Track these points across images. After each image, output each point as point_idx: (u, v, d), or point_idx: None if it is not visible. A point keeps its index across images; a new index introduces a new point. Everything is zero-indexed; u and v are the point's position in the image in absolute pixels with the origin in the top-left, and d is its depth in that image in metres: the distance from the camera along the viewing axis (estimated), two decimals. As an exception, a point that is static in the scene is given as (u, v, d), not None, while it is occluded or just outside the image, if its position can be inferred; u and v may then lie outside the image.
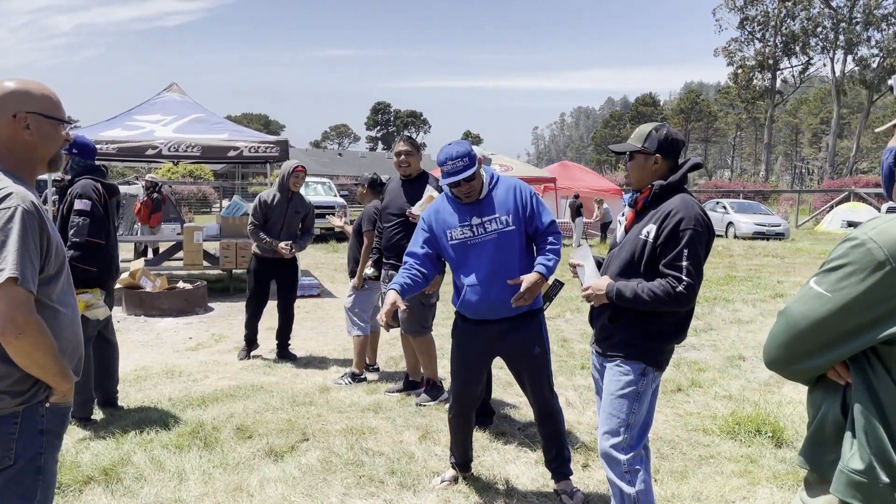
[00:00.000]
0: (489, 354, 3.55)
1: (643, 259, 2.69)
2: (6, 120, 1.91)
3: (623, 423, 2.75)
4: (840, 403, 1.51)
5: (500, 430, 4.45)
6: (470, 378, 3.52)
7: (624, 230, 2.85)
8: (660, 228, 2.64)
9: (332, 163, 57.91)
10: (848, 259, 1.43)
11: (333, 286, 10.86)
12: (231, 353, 6.53)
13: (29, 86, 1.95)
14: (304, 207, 6.30)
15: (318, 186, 20.36)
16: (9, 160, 1.93)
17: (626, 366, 2.76)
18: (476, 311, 3.37)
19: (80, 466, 3.70)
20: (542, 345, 3.46)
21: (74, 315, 2.02)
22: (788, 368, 1.56)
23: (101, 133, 9.60)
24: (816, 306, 1.46)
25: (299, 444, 4.16)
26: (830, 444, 1.52)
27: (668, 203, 2.68)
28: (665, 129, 2.77)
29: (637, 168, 2.79)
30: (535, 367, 3.45)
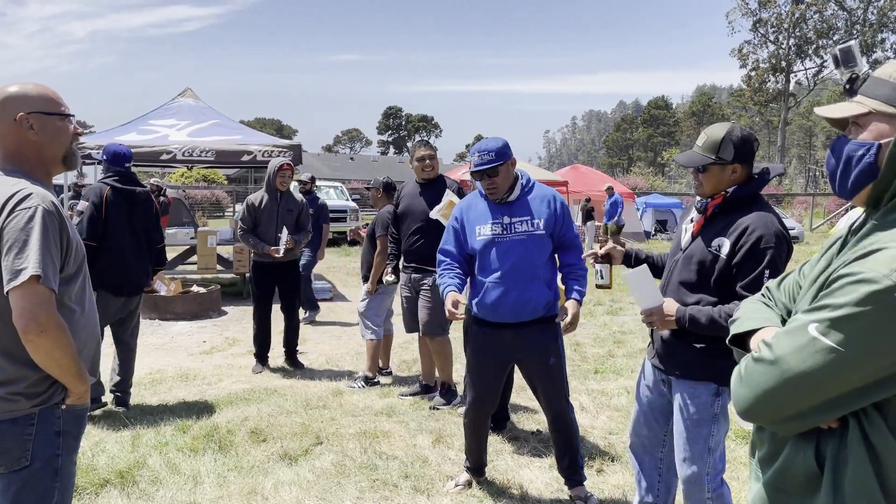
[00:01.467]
0: (505, 362, 3.52)
1: (713, 274, 2.51)
2: (9, 124, 1.93)
3: (704, 448, 2.61)
4: (813, 450, 1.33)
5: (514, 434, 4.45)
6: (486, 385, 3.51)
7: (691, 237, 2.65)
8: (736, 245, 2.45)
9: (344, 167, 58.09)
10: (864, 309, 1.19)
11: (346, 290, 10.89)
12: (245, 356, 6.55)
13: (26, 88, 1.97)
14: (297, 205, 6.22)
15: (330, 191, 20.39)
16: (22, 164, 1.96)
17: (699, 387, 2.59)
18: (492, 311, 3.34)
19: (97, 469, 3.73)
20: (558, 354, 3.43)
21: (91, 315, 2.04)
22: (776, 423, 1.35)
23: (115, 138, 9.67)
24: (824, 362, 1.23)
25: (313, 447, 4.17)
26: (795, 493, 1.37)
27: (745, 219, 2.47)
28: (739, 132, 2.53)
29: (713, 179, 2.54)
30: (550, 377, 3.42)
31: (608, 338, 7.45)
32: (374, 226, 5.57)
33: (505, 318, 3.33)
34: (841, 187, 1.41)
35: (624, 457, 4.05)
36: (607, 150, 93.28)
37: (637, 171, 50.05)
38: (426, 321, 4.88)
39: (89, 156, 9.20)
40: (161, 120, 10.41)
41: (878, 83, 1.37)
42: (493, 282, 3.30)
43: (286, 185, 6.11)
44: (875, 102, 1.36)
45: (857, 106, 1.38)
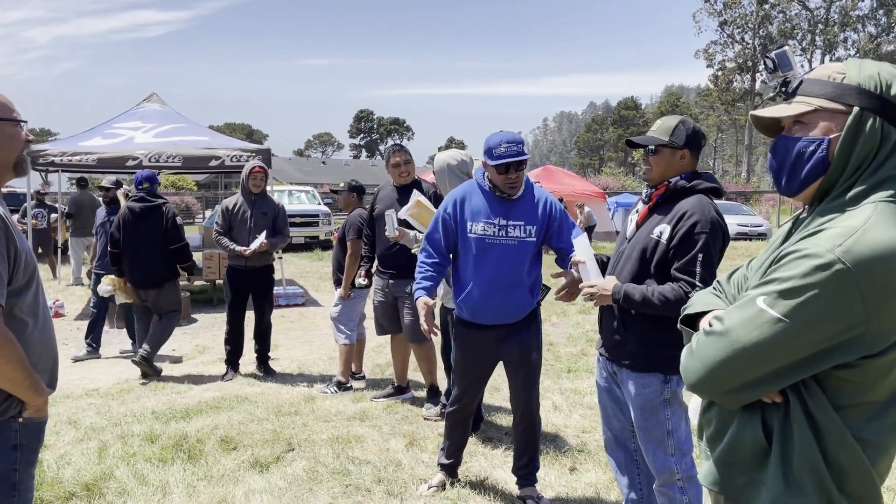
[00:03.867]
0: (492, 359, 3.52)
1: (654, 259, 2.58)
2: None
3: (663, 433, 2.65)
4: (760, 424, 1.39)
5: (487, 435, 4.44)
6: (474, 384, 3.55)
7: (635, 226, 2.73)
8: (674, 230, 2.53)
9: (316, 171, 57.72)
10: (809, 281, 1.26)
11: (318, 294, 10.81)
12: (215, 363, 6.46)
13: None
14: (272, 208, 6.14)
15: (301, 195, 20.24)
16: None
17: (647, 377, 2.64)
18: (475, 311, 3.33)
19: (62, 482, 3.64)
20: (539, 350, 3.48)
21: (46, 326, 1.98)
22: (723, 395, 1.40)
23: (80, 143, 9.54)
24: (771, 333, 1.30)
25: (285, 454, 4.11)
26: (744, 467, 1.42)
27: (683, 203, 2.57)
28: (692, 123, 2.67)
29: (663, 162, 2.64)
30: (530, 372, 3.46)
31: (581, 336, 7.48)
32: (345, 229, 5.53)
33: (488, 321, 3.35)
34: (788, 184, 1.47)
35: (597, 455, 4.06)
36: (578, 150, 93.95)
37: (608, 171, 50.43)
38: (410, 328, 4.83)
39: (52, 163, 9.05)
40: (126, 123, 10.26)
41: (817, 84, 1.44)
42: (478, 284, 3.28)
43: (259, 188, 6.05)
44: (819, 101, 1.42)
45: (803, 105, 1.44)
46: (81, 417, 4.78)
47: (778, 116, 1.47)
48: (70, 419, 4.73)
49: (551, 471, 3.89)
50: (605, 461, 3.92)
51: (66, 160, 9.04)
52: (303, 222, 17.52)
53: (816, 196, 1.44)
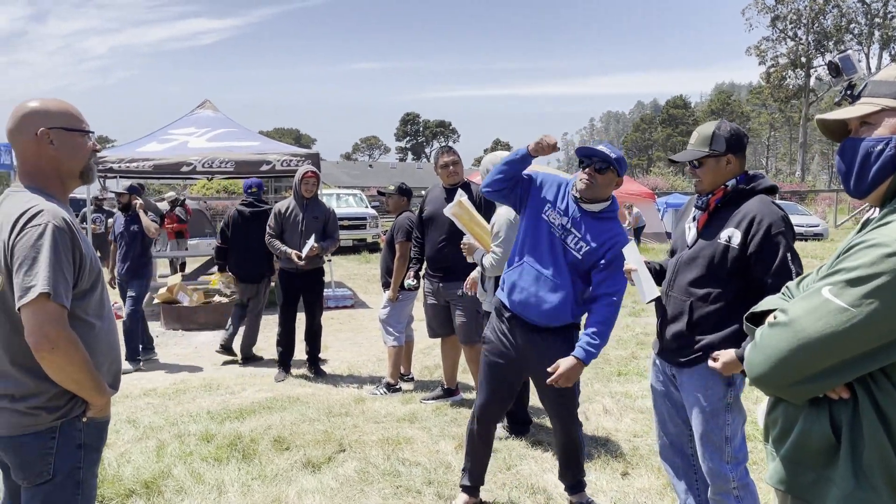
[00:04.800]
0: (519, 369, 3.35)
1: (727, 264, 2.54)
2: (30, 139, 1.94)
3: (721, 438, 2.61)
4: (828, 420, 1.36)
5: (536, 438, 4.41)
6: (495, 391, 3.35)
7: (696, 234, 2.69)
8: (748, 236, 2.50)
9: (363, 174, 58.27)
10: (878, 270, 1.24)
11: (367, 297, 10.91)
12: (267, 364, 6.58)
13: (47, 103, 1.98)
14: (323, 213, 6.22)
15: (349, 198, 20.47)
16: (39, 178, 1.97)
17: (710, 378, 2.60)
18: (512, 292, 3.20)
19: (122, 479, 3.76)
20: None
21: (111, 328, 2.04)
22: (788, 388, 1.38)
23: (137, 150, 9.80)
24: (837, 323, 1.27)
25: (336, 454, 4.17)
26: (812, 465, 1.39)
27: (747, 207, 2.55)
28: (728, 126, 2.64)
29: (709, 172, 2.63)
30: (562, 397, 3.29)
31: (631, 339, 7.38)
32: (394, 232, 5.58)
33: (519, 310, 3.19)
34: (858, 186, 1.45)
35: (649, 459, 4.00)
36: (626, 150, 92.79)
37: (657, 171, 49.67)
38: (463, 329, 4.85)
39: (111, 169, 9.32)
40: (181, 129, 10.53)
41: (883, 84, 1.44)
42: (530, 265, 3.16)
43: (311, 193, 6.14)
44: (886, 100, 1.42)
45: (869, 106, 1.43)
46: (140, 417, 4.92)
47: (844, 118, 1.45)
48: (129, 418, 4.87)
49: (602, 475, 3.85)
50: (658, 466, 3.86)
51: (124, 166, 9.29)
52: (350, 225, 17.70)
53: (886, 196, 1.42)
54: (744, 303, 2.52)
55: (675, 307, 2.72)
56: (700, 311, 2.62)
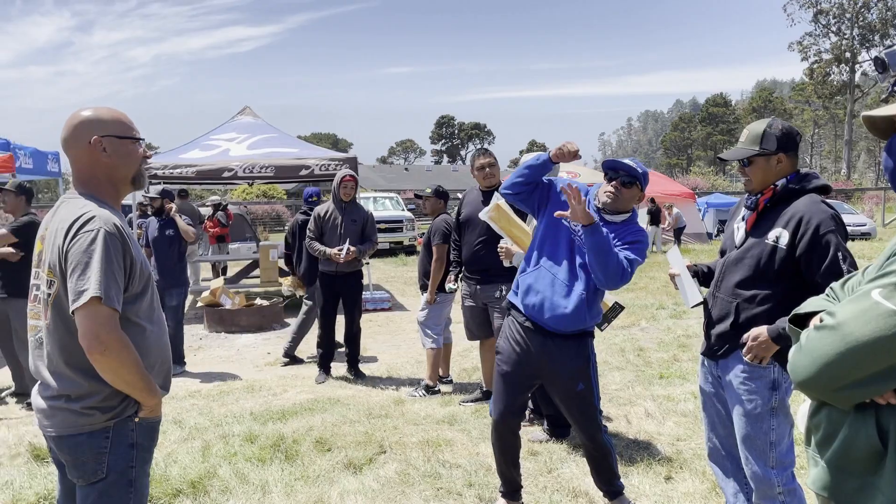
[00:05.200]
0: (532, 377, 3.31)
1: (775, 265, 2.51)
2: (84, 147, 2.00)
3: (766, 443, 2.58)
4: (874, 426, 1.31)
5: (577, 441, 4.38)
6: (512, 401, 3.31)
7: (744, 234, 2.66)
8: (796, 236, 2.46)
9: (399, 178, 58.60)
10: None
11: (404, 299, 10.96)
12: (308, 366, 6.66)
13: (100, 112, 2.04)
14: (361, 216, 6.28)
15: (385, 201, 20.60)
16: (92, 185, 2.03)
17: (755, 382, 2.56)
18: (527, 294, 3.17)
19: (170, 479, 3.84)
20: (588, 380, 3.22)
21: (161, 331, 2.10)
22: (834, 392, 1.33)
23: (180, 156, 10.01)
24: (887, 326, 1.22)
25: (377, 456, 4.20)
26: (856, 471, 1.35)
27: (796, 206, 2.51)
28: (779, 124, 2.60)
29: (759, 171, 2.60)
30: (578, 405, 3.24)
31: (672, 342, 7.28)
32: (430, 234, 5.60)
33: (538, 314, 3.15)
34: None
35: (693, 464, 3.95)
36: (665, 150, 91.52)
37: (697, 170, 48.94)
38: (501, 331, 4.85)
39: (156, 175, 9.54)
40: (222, 135, 10.74)
41: None
42: (547, 268, 3.15)
43: (349, 196, 6.21)
44: None
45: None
46: (186, 418, 5.02)
47: (891, 115, 1.41)
48: (175, 419, 4.97)
49: (645, 479, 3.81)
50: (702, 470, 3.81)
51: (168, 173, 9.50)
52: (387, 228, 17.80)
53: None
54: (791, 305, 2.47)
55: (722, 308, 2.69)
56: (746, 312, 2.59)
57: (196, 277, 12.76)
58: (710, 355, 2.77)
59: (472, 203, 5.02)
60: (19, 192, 5.39)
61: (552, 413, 4.49)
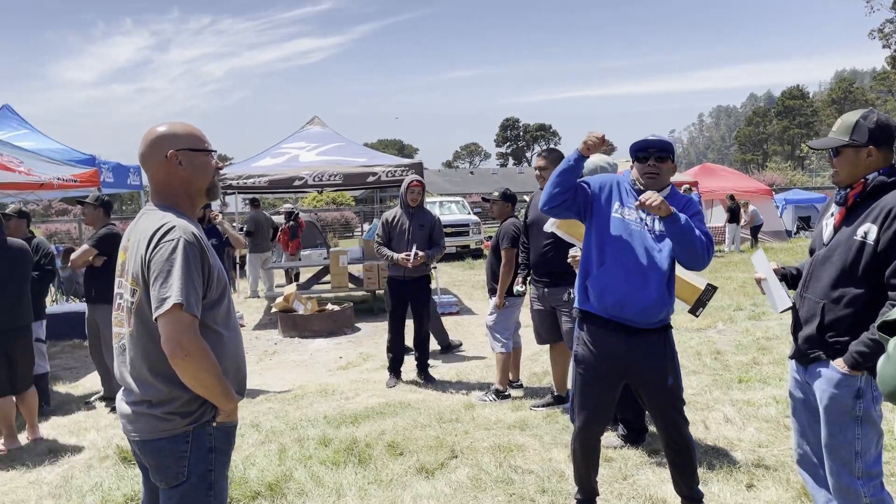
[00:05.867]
0: (618, 380, 3.26)
1: (861, 264, 2.38)
2: (160, 161, 2.08)
3: (851, 454, 2.47)
4: None
5: (653, 447, 4.27)
6: (597, 410, 3.25)
7: (832, 230, 2.54)
8: (882, 230, 2.32)
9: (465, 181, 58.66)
10: None
11: (472, 303, 10.96)
12: (379, 370, 6.73)
13: (174, 127, 2.12)
14: (429, 220, 6.31)
15: (451, 205, 20.68)
16: (169, 197, 2.11)
17: (840, 390, 2.45)
18: (603, 295, 3.11)
19: (248, 482, 3.94)
20: (675, 372, 3.19)
21: (237, 337, 2.16)
22: None
23: (252, 165, 10.33)
24: None
25: (448, 461, 4.20)
26: None
27: (885, 200, 2.37)
28: (875, 116, 2.46)
29: (847, 163, 2.48)
30: (670, 399, 3.18)
31: (751, 344, 7.03)
32: (499, 238, 5.58)
33: (614, 312, 3.10)
34: None
35: (777, 471, 3.79)
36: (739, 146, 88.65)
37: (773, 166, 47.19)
38: (570, 336, 4.79)
39: (230, 185, 9.86)
40: (292, 143, 11.03)
41: None
42: (613, 267, 3.09)
43: (416, 201, 6.26)
44: None
45: None
46: (263, 421, 5.15)
47: None
48: (252, 422, 5.10)
49: (725, 487, 3.68)
50: (786, 478, 3.66)
51: (242, 182, 9.82)
52: (454, 232, 17.84)
53: None
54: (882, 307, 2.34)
55: (809, 309, 2.57)
56: (833, 314, 2.46)
57: (270, 284, 13.12)
58: (799, 359, 2.67)
59: (537, 206, 4.97)
60: (98, 205, 5.65)
61: (628, 418, 4.40)
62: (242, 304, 11.95)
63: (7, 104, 10.74)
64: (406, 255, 6.04)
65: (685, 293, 3.94)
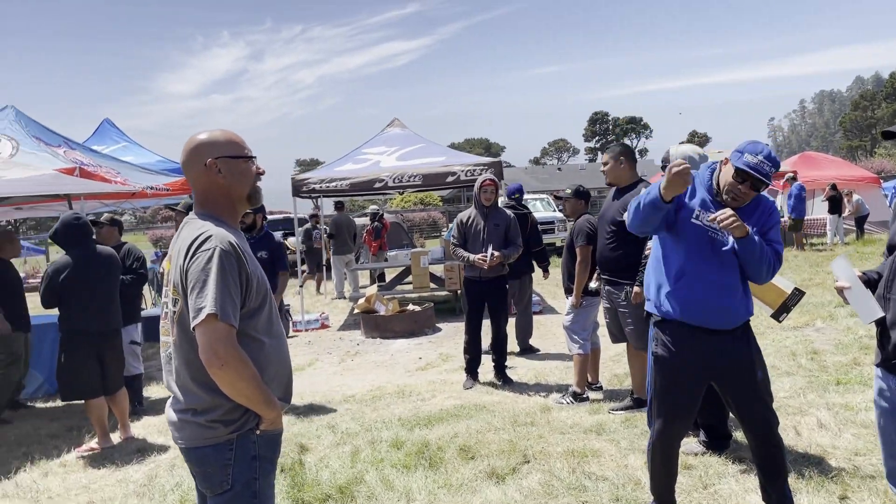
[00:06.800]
0: (700, 378, 3.12)
1: None
2: (200, 169, 2.10)
3: None
4: None
5: (738, 455, 4.04)
6: (678, 407, 3.12)
7: None
8: None
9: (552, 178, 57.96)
10: None
11: (555, 302, 10.78)
12: (457, 371, 6.69)
13: (214, 134, 2.13)
14: (504, 220, 6.21)
15: (536, 203, 20.44)
16: (210, 205, 2.12)
17: None
18: (688, 306, 3.00)
19: (320, 484, 3.98)
20: (764, 367, 3.10)
21: (280, 344, 2.15)
22: None
23: (335, 169, 10.54)
24: None
25: (520, 466, 4.11)
26: None
27: None
28: None
29: None
30: (759, 395, 3.05)
31: (853, 343, 6.56)
32: (574, 236, 5.44)
33: (698, 320, 3.00)
34: None
35: (874, 482, 3.50)
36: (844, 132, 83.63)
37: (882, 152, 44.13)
38: (633, 335, 4.67)
39: (314, 189, 10.12)
40: (373, 148, 11.17)
41: None
42: (694, 276, 2.98)
43: (490, 201, 6.18)
44: None
45: None
46: (339, 422, 5.21)
47: None
48: (329, 424, 5.17)
49: (816, 498, 3.43)
50: (883, 490, 3.39)
51: (325, 186, 10.04)
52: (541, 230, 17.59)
53: None
54: None
55: (894, 312, 2.35)
56: None
57: (355, 285, 13.36)
58: (887, 367, 2.44)
59: (606, 202, 4.86)
60: (187, 212, 5.88)
61: (711, 423, 4.18)
62: (329, 306, 12.21)
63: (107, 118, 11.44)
64: (482, 256, 5.98)
65: (769, 296, 3.71)
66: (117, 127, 11.35)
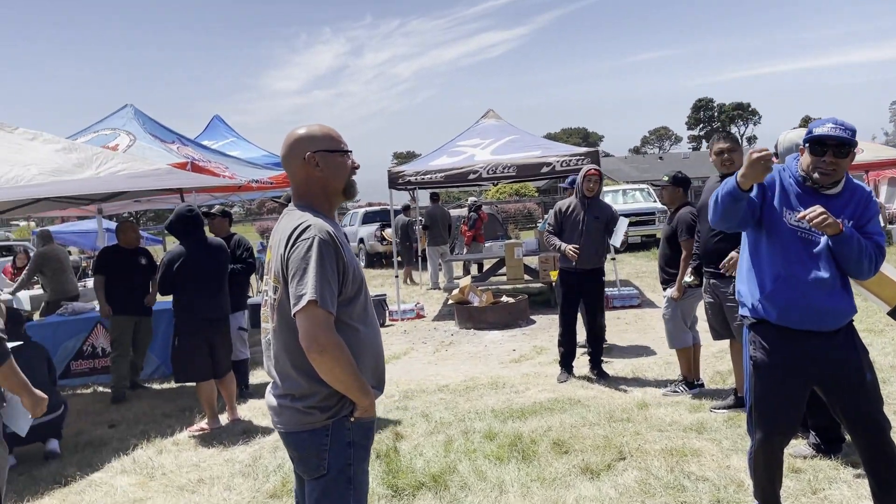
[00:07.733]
0: (806, 384, 2.94)
1: None
2: (299, 163, 2.17)
3: None
4: None
5: (850, 459, 3.80)
6: (780, 415, 2.95)
7: None
8: None
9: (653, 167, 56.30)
10: None
11: (654, 295, 10.46)
12: (551, 364, 6.63)
13: (312, 129, 2.19)
14: (605, 213, 6.08)
15: (636, 193, 19.93)
16: (308, 197, 2.19)
17: None
18: (786, 308, 2.85)
19: (414, 472, 4.04)
20: (871, 367, 2.90)
21: (374, 332, 2.19)
22: None
23: (430, 163, 10.63)
24: None
25: (616, 462, 4.03)
26: None
27: None
28: None
29: None
30: (869, 399, 2.85)
31: None
32: (675, 227, 5.26)
33: (797, 323, 2.85)
34: None
35: None
36: (979, 113, 76.87)
37: None
38: (740, 330, 4.46)
39: (409, 182, 10.26)
40: (467, 141, 11.18)
41: None
42: (788, 279, 2.84)
43: (593, 192, 6.07)
44: None
45: None
46: (433, 412, 5.27)
47: None
48: (423, 412, 5.24)
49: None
50: None
51: (420, 178, 10.16)
52: (637, 221, 17.14)
53: None
54: None
55: None
56: None
57: (450, 276, 13.47)
58: None
59: (709, 191, 4.63)
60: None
61: (822, 424, 3.95)
62: (424, 296, 12.37)
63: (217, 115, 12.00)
64: (575, 247, 5.88)
65: (887, 291, 3.46)
66: (226, 123, 11.90)
